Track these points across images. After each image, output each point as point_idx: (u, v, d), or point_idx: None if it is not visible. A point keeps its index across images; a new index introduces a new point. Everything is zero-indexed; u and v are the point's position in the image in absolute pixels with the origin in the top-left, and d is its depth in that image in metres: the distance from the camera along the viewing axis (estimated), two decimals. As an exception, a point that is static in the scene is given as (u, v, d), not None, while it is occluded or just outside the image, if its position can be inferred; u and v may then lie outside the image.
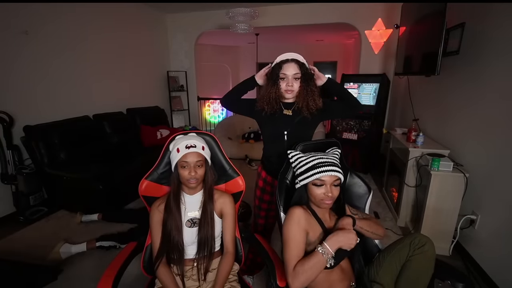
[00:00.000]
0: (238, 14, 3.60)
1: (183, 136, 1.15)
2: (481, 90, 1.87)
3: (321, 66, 7.82)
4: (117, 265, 1.04)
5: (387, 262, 1.04)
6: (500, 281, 1.60)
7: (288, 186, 1.19)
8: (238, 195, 1.29)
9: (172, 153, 1.11)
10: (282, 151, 1.31)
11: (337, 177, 1.00)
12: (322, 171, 0.99)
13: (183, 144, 1.07)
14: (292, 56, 1.23)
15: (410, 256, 1.00)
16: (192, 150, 1.05)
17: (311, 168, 1.02)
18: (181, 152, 1.05)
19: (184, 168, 1.06)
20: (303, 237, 0.99)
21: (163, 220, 1.09)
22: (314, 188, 1.01)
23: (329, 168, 0.99)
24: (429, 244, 0.99)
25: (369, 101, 3.47)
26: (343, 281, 1.03)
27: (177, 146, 1.07)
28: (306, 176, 1.03)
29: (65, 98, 2.98)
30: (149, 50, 4.35)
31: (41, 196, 2.56)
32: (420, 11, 2.37)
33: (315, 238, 1.02)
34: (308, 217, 1.04)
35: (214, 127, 5.19)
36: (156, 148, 3.30)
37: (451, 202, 1.90)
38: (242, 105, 1.40)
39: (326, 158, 1.03)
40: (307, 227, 1.02)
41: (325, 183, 0.99)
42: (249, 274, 1.70)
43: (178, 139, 1.13)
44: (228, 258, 1.13)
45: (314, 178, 1.00)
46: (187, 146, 1.06)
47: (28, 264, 1.77)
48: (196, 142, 1.08)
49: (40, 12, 2.66)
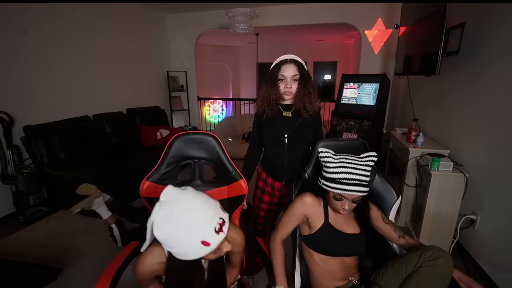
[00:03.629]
0: (238, 14, 3.60)
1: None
2: (481, 90, 1.87)
3: (321, 66, 7.84)
4: (116, 265, 1.03)
5: (394, 269, 1.01)
6: (500, 281, 1.60)
7: (306, 179, 1.20)
8: (240, 198, 1.26)
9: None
10: (283, 152, 1.32)
11: (360, 196, 0.98)
12: (345, 190, 0.96)
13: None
14: (290, 57, 1.24)
15: (418, 267, 0.92)
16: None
17: (336, 181, 0.98)
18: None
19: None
20: (297, 219, 1.09)
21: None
22: (333, 199, 1.01)
23: (354, 188, 0.95)
24: (444, 260, 0.90)
25: (369, 101, 3.46)
26: (341, 272, 1.06)
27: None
28: (328, 184, 1.01)
29: (65, 98, 2.98)
30: (149, 50, 4.34)
31: (41, 196, 2.56)
32: (420, 11, 2.37)
33: (315, 225, 1.07)
34: (315, 206, 1.07)
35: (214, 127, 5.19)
36: (156, 148, 3.32)
37: (451, 202, 1.90)
38: (260, 138, 1.40)
39: (356, 174, 0.97)
40: (310, 213, 1.07)
41: (345, 198, 0.98)
42: (249, 274, 1.70)
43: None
44: (233, 272, 1.09)
45: (335, 191, 0.98)
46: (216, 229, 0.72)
47: (28, 264, 1.78)
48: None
49: (40, 12, 2.66)
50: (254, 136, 1.44)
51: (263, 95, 1.28)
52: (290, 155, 1.32)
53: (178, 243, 0.69)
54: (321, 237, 1.06)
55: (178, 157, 1.24)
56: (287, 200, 1.42)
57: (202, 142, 1.24)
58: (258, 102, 1.31)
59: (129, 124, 3.58)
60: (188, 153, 1.25)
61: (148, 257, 0.82)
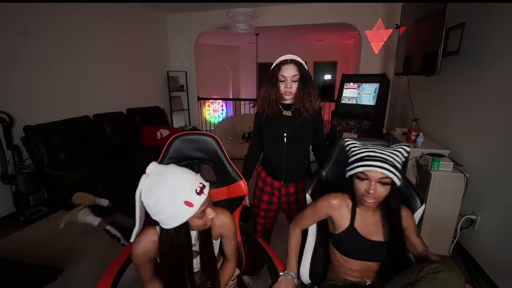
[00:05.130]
0: (238, 14, 3.60)
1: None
2: (481, 90, 1.87)
3: (321, 66, 7.84)
4: (117, 265, 1.03)
5: (400, 277, 0.96)
6: (500, 281, 1.60)
7: (323, 176, 1.20)
8: (239, 199, 1.25)
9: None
10: (282, 151, 1.32)
11: (384, 175, 0.90)
12: (367, 165, 0.91)
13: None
14: (290, 57, 1.24)
15: (421, 277, 0.88)
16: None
17: (358, 160, 0.95)
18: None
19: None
20: (319, 217, 1.08)
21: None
22: (358, 181, 0.95)
23: (376, 164, 0.90)
24: (447, 275, 0.82)
25: (369, 101, 3.46)
26: (360, 272, 1.05)
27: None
28: (352, 167, 0.97)
29: (65, 98, 2.98)
30: (149, 50, 4.34)
31: (41, 196, 2.56)
32: (420, 11, 2.37)
33: (339, 227, 1.04)
34: (341, 208, 1.03)
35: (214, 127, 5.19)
36: (156, 148, 3.31)
37: (451, 202, 1.90)
38: (260, 137, 1.41)
39: (379, 153, 0.93)
40: (334, 215, 1.04)
41: (369, 178, 0.92)
42: (249, 274, 1.70)
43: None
44: (229, 266, 1.09)
45: (357, 170, 0.93)
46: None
47: (28, 264, 1.78)
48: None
49: (41, 12, 2.66)
50: (254, 135, 1.44)
51: (264, 95, 1.28)
52: (289, 154, 1.33)
53: (164, 206, 0.77)
54: (344, 239, 1.04)
55: (177, 158, 1.23)
56: (286, 199, 1.42)
57: (202, 142, 1.23)
58: (258, 102, 1.32)
59: (129, 124, 3.58)
60: (187, 153, 1.24)
61: (142, 238, 0.89)
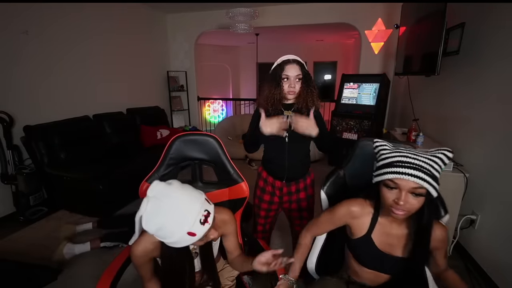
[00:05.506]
0: (238, 14, 3.60)
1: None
2: (481, 90, 1.87)
3: (321, 66, 7.83)
4: (117, 266, 1.03)
5: None
6: (500, 281, 1.60)
7: (340, 176, 1.18)
8: (241, 201, 1.24)
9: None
10: (283, 151, 1.32)
11: (418, 184, 0.77)
12: (397, 172, 0.78)
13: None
14: (293, 57, 1.24)
15: None
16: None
17: (388, 165, 0.82)
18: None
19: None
20: (335, 225, 1.01)
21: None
22: (385, 190, 0.83)
23: (408, 171, 0.77)
24: None
25: (369, 101, 3.47)
26: (371, 280, 1.01)
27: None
28: (379, 172, 0.84)
29: (65, 98, 2.98)
30: (149, 50, 4.34)
31: (41, 196, 2.56)
32: (420, 11, 2.37)
33: (355, 233, 0.97)
34: (362, 217, 0.94)
35: (214, 127, 5.19)
36: (156, 148, 3.31)
37: (451, 202, 1.88)
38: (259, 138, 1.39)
39: (414, 158, 0.79)
40: (352, 223, 0.96)
41: (399, 188, 0.79)
42: (248, 274, 1.70)
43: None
44: (242, 255, 1.07)
45: (386, 177, 0.81)
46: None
47: (28, 264, 1.78)
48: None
49: (41, 12, 2.66)
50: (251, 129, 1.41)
51: (267, 95, 1.27)
52: (290, 154, 1.33)
53: (166, 235, 0.76)
54: (358, 247, 0.99)
55: (178, 158, 1.23)
56: (288, 198, 1.42)
57: (203, 143, 1.23)
58: (261, 101, 1.31)
59: (129, 124, 3.58)
60: (188, 154, 1.24)
61: (142, 239, 0.87)
